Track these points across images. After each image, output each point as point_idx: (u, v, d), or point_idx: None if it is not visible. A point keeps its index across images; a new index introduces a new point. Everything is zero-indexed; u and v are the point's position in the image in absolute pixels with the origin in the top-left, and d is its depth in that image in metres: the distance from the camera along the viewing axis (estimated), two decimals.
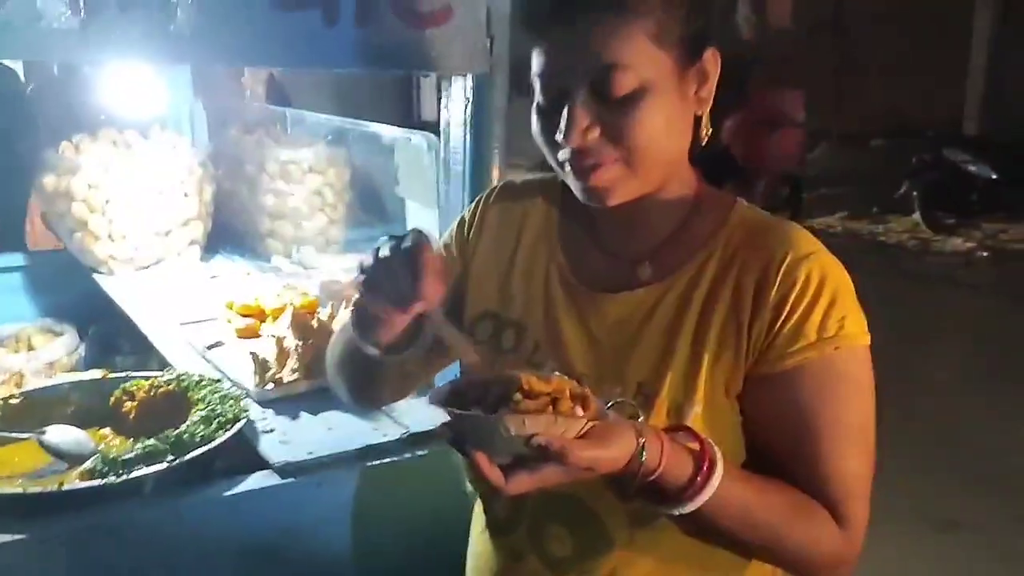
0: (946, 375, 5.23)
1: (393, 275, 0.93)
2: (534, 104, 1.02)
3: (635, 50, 0.94)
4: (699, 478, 0.90)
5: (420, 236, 0.94)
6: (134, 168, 2.66)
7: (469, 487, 1.24)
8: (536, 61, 1.00)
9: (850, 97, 12.14)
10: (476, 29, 1.46)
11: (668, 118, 0.98)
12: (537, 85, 1.00)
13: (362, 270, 0.97)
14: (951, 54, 11.27)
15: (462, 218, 1.24)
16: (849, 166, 11.24)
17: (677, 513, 0.92)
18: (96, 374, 1.89)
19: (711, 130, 1.05)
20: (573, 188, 1.03)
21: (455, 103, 1.57)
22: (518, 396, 0.86)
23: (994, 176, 8.53)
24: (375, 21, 1.39)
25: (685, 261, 1.05)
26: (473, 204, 1.24)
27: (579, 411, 0.86)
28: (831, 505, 0.98)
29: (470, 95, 1.54)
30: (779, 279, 0.98)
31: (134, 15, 1.25)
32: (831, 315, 0.97)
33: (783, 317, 0.98)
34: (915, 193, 8.78)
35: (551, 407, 0.86)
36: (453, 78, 1.55)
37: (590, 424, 0.86)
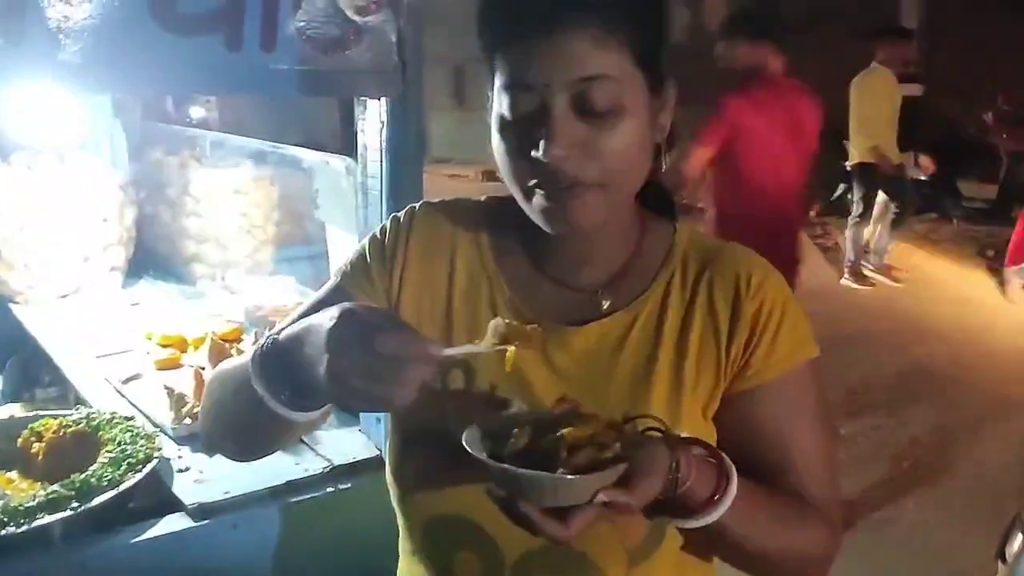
0: (880, 377, 5.31)
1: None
2: (496, 120, 0.94)
3: (618, 64, 0.90)
4: (720, 488, 0.91)
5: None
6: (50, 193, 2.57)
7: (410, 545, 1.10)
8: (504, 71, 0.92)
9: None
10: (386, 53, 1.43)
11: (641, 141, 0.95)
12: (504, 98, 0.92)
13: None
14: None
15: (378, 242, 1.10)
16: None
17: (698, 525, 0.91)
18: (3, 414, 1.80)
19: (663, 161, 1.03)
20: (538, 215, 0.95)
21: (370, 127, 1.53)
22: (564, 456, 0.83)
23: (923, 177, 8.72)
24: (281, 46, 1.34)
25: (645, 287, 1.03)
26: (391, 228, 1.10)
27: (616, 446, 0.85)
28: (818, 504, 1.02)
29: (385, 118, 1.50)
30: (750, 296, 1.00)
31: (22, 44, 1.19)
32: (797, 330, 1.01)
33: (759, 333, 0.99)
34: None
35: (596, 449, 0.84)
36: (367, 102, 1.52)
37: (628, 459, 0.85)
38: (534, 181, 0.93)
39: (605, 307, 1.03)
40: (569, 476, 0.81)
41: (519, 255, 1.07)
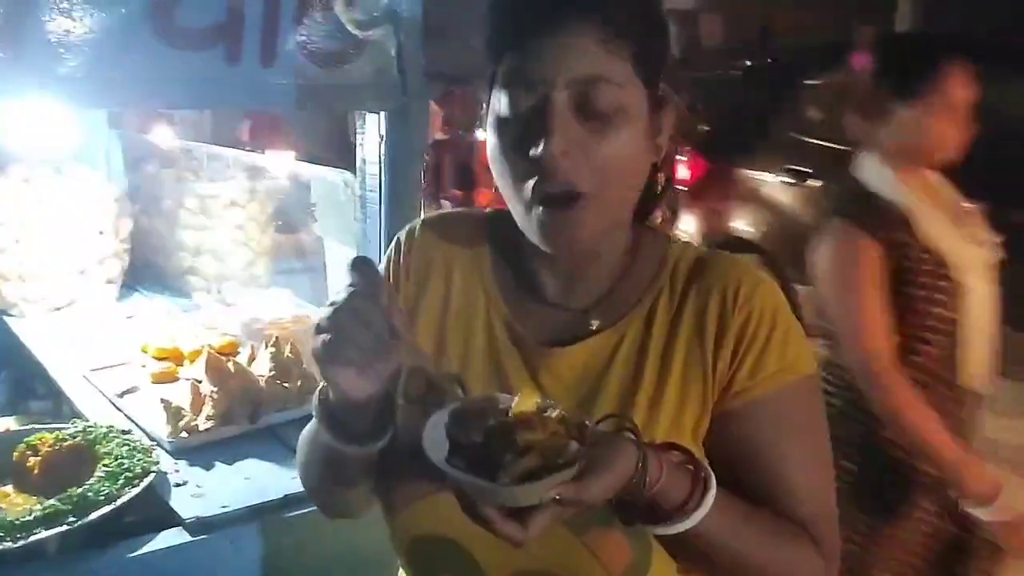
0: None
1: (364, 322, 0.83)
2: (494, 121, 0.93)
3: (620, 69, 0.90)
4: (695, 494, 0.87)
5: (370, 271, 0.86)
6: (45, 205, 2.56)
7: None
8: (508, 70, 0.91)
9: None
10: (386, 65, 1.43)
11: (639, 154, 0.93)
12: (504, 97, 0.92)
13: (320, 329, 0.84)
14: None
15: (387, 263, 1.11)
16: None
17: (673, 532, 0.87)
18: None
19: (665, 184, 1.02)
20: (535, 231, 0.93)
21: (369, 140, 1.53)
22: (509, 458, 0.80)
23: None
24: (281, 60, 1.34)
25: (634, 304, 1.01)
26: (393, 249, 1.11)
27: (573, 445, 0.82)
28: (808, 527, 0.97)
29: (383, 132, 1.51)
30: (737, 309, 0.96)
31: (22, 58, 1.19)
32: (788, 345, 0.96)
33: (743, 349, 0.95)
34: None
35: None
36: (366, 115, 1.52)
37: (587, 456, 0.81)
38: (531, 183, 0.91)
39: (593, 327, 1.01)
40: (507, 483, 0.78)
41: (510, 271, 1.06)
